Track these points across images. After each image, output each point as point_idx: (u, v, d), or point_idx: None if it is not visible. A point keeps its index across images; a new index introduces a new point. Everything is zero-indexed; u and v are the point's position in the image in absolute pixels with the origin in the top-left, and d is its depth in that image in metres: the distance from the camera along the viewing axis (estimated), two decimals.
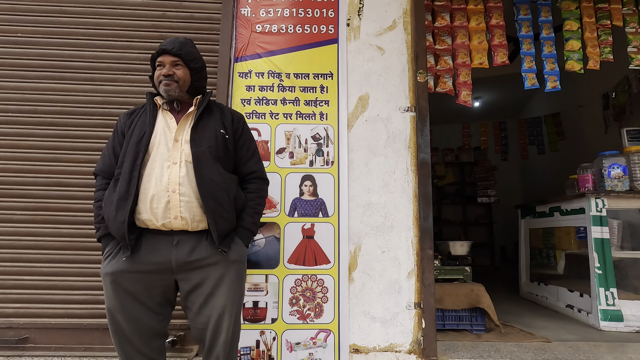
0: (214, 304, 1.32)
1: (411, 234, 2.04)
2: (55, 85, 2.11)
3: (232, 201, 1.37)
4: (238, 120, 1.53)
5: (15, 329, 1.89)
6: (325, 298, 1.97)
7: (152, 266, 1.30)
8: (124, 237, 1.26)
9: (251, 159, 1.51)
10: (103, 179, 1.41)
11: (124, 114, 1.48)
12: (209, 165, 1.34)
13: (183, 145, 1.35)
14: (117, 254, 1.31)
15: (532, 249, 3.57)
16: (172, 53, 1.40)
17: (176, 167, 1.32)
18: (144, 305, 1.31)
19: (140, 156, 1.32)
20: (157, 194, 1.29)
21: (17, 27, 2.15)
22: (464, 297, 2.33)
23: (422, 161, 2.08)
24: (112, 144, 1.43)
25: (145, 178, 1.31)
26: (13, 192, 2.00)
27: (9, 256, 1.95)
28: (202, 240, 1.34)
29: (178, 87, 1.41)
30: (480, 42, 2.50)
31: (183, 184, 1.31)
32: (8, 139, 2.05)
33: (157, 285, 1.32)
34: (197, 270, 1.32)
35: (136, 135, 1.36)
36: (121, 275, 1.28)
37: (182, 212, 1.30)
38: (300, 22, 2.21)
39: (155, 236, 1.32)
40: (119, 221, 1.27)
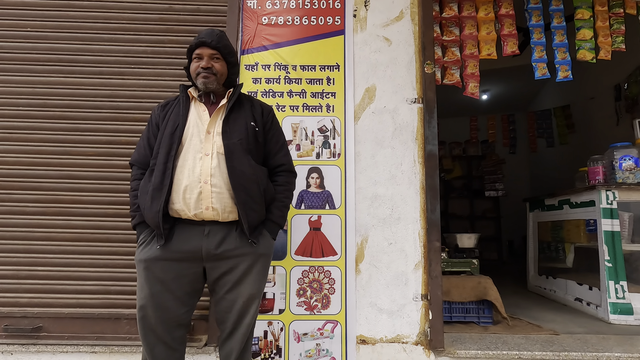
0: (240, 291, 1.36)
1: (418, 226, 2.03)
2: (64, 79, 2.13)
3: (262, 193, 1.39)
4: (267, 112, 1.54)
5: (30, 318, 1.93)
6: (332, 289, 1.98)
7: (183, 254, 1.33)
8: (159, 226, 1.31)
9: (280, 152, 1.52)
10: (138, 169, 1.45)
11: (157, 106, 1.50)
12: (240, 157, 1.36)
13: (215, 138, 1.38)
14: (150, 241, 1.35)
15: (540, 242, 3.54)
16: (211, 46, 1.41)
17: (208, 158, 1.35)
18: (173, 294, 1.34)
19: (174, 148, 1.35)
20: (189, 184, 1.32)
21: (27, 21, 2.16)
22: (471, 290, 2.32)
23: (430, 153, 2.07)
24: (147, 135, 1.47)
25: (179, 169, 1.35)
26: (25, 184, 2.04)
27: (23, 247, 1.99)
28: (232, 231, 1.37)
29: (216, 79, 1.43)
30: (489, 32, 2.46)
31: (215, 176, 1.33)
32: (19, 132, 2.08)
33: (186, 273, 1.35)
34: (226, 260, 1.35)
35: (170, 127, 1.39)
36: (153, 263, 1.32)
37: (214, 203, 1.33)
38: (306, 14, 2.19)
39: (187, 226, 1.35)
40: (154, 211, 1.30)
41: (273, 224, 1.45)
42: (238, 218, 1.36)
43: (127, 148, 2.07)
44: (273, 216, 1.44)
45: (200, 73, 1.41)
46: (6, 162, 2.06)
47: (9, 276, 1.96)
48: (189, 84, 1.51)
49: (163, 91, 2.12)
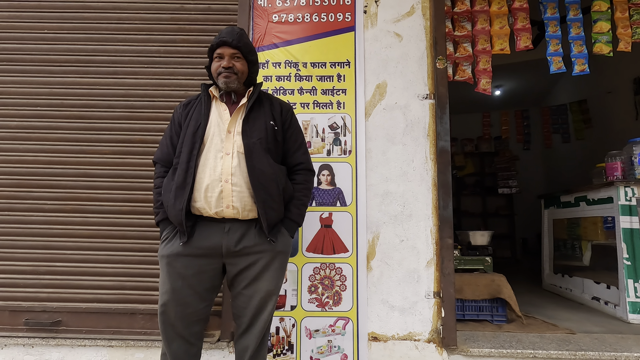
0: (258, 287, 1.38)
1: (430, 223, 2.02)
2: (81, 79, 2.17)
3: (281, 192, 1.41)
4: (287, 111, 1.55)
5: (49, 313, 1.99)
6: (344, 286, 1.98)
7: (204, 251, 1.36)
8: (182, 224, 1.33)
9: (298, 150, 1.53)
10: (162, 167, 1.48)
11: (180, 105, 1.53)
12: (259, 157, 1.38)
13: (235, 137, 1.39)
14: (173, 238, 1.38)
15: (555, 240, 3.47)
16: (232, 45, 1.42)
17: (229, 157, 1.37)
18: (193, 289, 1.36)
19: (196, 147, 1.37)
20: (211, 183, 1.35)
21: (44, 23, 2.22)
22: (485, 288, 2.30)
23: (442, 149, 2.05)
24: (170, 134, 1.49)
25: (201, 168, 1.37)
26: (43, 182, 2.09)
27: (42, 244, 2.05)
28: (251, 229, 1.39)
29: (237, 79, 1.44)
30: (502, 26, 2.41)
31: (235, 174, 1.36)
32: (38, 132, 2.14)
33: (207, 269, 1.38)
34: (245, 257, 1.38)
35: (192, 126, 1.41)
36: (175, 258, 1.35)
37: (234, 202, 1.35)
38: (316, 11, 2.19)
39: (208, 223, 1.38)
40: (177, 209, 1.33)
41: (291, 222, 1.46)
42: (257, 216, 1.38)
43: (141, 146, 2.10)
44: (291, 214, 1.46)
45: (222, 73, 1.42)
46: (26, 161, 2.12)
47: (29, 272, 2.02)
48: (210, 83, 1.53)
49: (176, 90, 2.15)
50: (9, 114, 2.15)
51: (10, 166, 2.11)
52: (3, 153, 2.12)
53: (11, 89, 2.17)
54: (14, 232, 2.06)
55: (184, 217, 1.33)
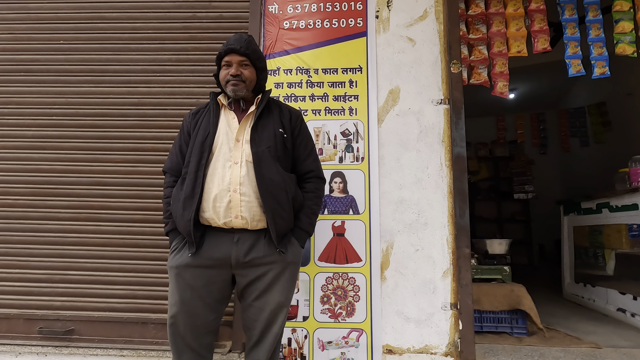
0: (268, 299, 1.35)
1: (446, 232, 1.96)
2: (95, 88, 2.20)
3: (291, 201, 1.38)
4: (296, 118, 1.52)
5: (63, 321, 1.99)
6: (357, 297, 1.93)
7: (213, 261, 1.34)
8: (190, 235, 1.31)
9: (308, 158, 1.50)
10: (171, 177, 1.47)
11: (189, 114, 1.51)
12: (268, 165, 1.35)
13: (244, 145, 1.37)
14: (182, 248, 1.36)
15: (576, 247, 3.35)
16: (240, 52, 1.40)
17: (237, 166, 1.35)
18: (203, 300, 1.34)
19: (204, 156, 1.36)
20: (219, 193, 1.33)
21: (60, 34, 2.26)
22: (503, 298, 2.22)
23: (457, 155, 1.99)
24: (179, 143, 1.48)
25: (209, 177, 1.35)
26: (58, 191, 2.11)
27: (56, 252, 2.06)
28: (261, 239, 1.37)
29: (245, 87, 1.42)
30: (519, 28, 2.35)
31: (244, 184, 1.33)
32: (53, 141, 2.16)
33: (216, 280, 1.36)
34: (255, 268, 1.35)
35: (201, 135, 1.39)
36: (185, 269, 1.33)
37: (243, 212, 1.32)
38: (328, 17, 2.17)
39: (217, 233, 1.36)
40: (186, 219, 1.32)
41: (301, 231, 1.43)
42: (267, 226, 1.35)
43: (153, 155, 2.11)
44: (302, 224, 1.43)
45: (230, 81, 1.40)
46: (42, 170, 2.14)
47: (44, 280, 2.04)
48: (218, 91, 1.51)
49: (187, 98, 2.15)
50: (26, 123, 2.19)
51: (26, 175, 2.14)
52: (20, 162, 2.15)
53: (28, 99, 2.21)
54: (30, 241, 2.08)
55: (193, 228, 1.31)
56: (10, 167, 2.15)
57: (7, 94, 2.22)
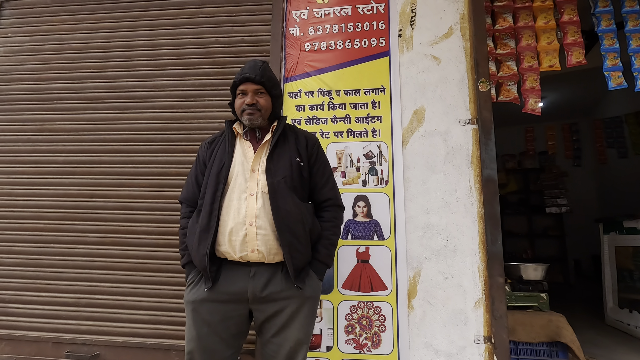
0: (287, 335, 1.30)
1: (477, 259, 1.85)
2: (121, 114, 2.25)
3: (308, 233, 1.33)
4: (313, 144, 1.47)
5: (89, 346, 2.01)
6: (383, 327, 1.85)
7: (230, 296, 1.31)
8: (206, 270, 1.29)
9: (326, 185, 1.45)
10: (188, 207, 1.45)
11: (204, 143, 1.49)
12: (284, 196, 1.31)
13: (259, 176, 1.34)
14: (198, 282, 1.34)
15: (619, 270, 3.12)
16: (256, 81, 1.38)
17: (253, 198, 1.31)
18: (219, 336, 1.31)
19: (220, 188, 1.33)
20: (234, 227, 1.29)
21: (90, 63, 2.34)
22: (541, 329, 2.06)
23: (488, 178, 1.89)
24: (195, 173, 1.46)
25: (225, 210, 1.32)
26: (86, 215, 2.16)
27: (84, 276, 2.10)
28: (278, 273, 1.32)
29: (261, 115, 1.40)
30: (550, 42, 2.24)
31: (260, 217, 1.30)
32: (82, 166, 2.22)
33: (233, 315, 1.32)
34: (272, 303, 1.31)
35: (216, 165, 1.37)
36: (200, 305, 1.30)
37: (259, 246, 1.29)
38: (349, 37, 2.14)
39: (233, 267, 1.32)
40: (201, 254, 1.29)
41: (320, 263, 1.37)
42: (283, 259, 1.31)
43: (177, 179, 2.12)
44: (320, 255, 1.37)
45: (245, 110, 1.38)
46: (71, 195, 2.20)
47: (71, 304, 2.07)
48: (233, 119, 1.50)
49: (210, 122, 2.17)
50: (57, 149, 2.27)
51: (57, 200, 2.20)
52: (51, 187, 2.22)
53: (60, 126, 2.29)
54: (59, 264, 2.13)
55: (208, 263, 1.28)
56: (43, 192, 2.22)
57: (41, 122, 2.31)
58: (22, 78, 2.39)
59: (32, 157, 2.28)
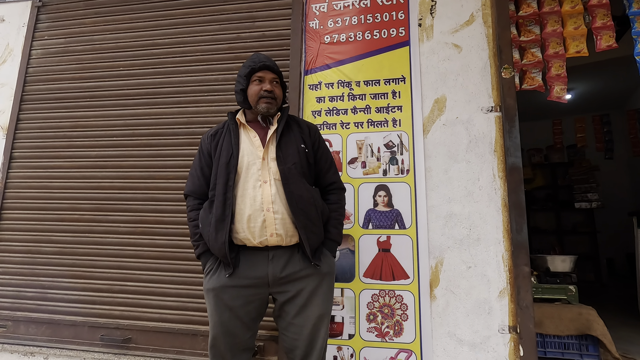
0: (308, 313, 1.35)
1: (501, 248, 1.82)
2: (149, 110, 2.35)
3: (320, 215, 1.40)
4: (314, 132, 1.54)
5: (122, 330, 2.12)
6: (405, 316, 1.85)
7: (251, 281, 1.35)
8: (226, 256, 1.33)
9: (329, 170, 1.52)
10: (195, 199, 1.47)
11: (207, 135, 1.51)
12: (296, 182, 1.37)
13: (270, 164, 1.39)
14: (217, 270, 1.37)
15: None
16: (274, 70, 1.45)
17: (267, 185, 1.36)
18: (240, 320, 1.36)
19: (231, 177, 1.36)
20: (252, 213, 1.34)
21: (120, 62, 2.45)
22: (570, 322, 2.00)
23: (512, 166, 1.86)
24: (200, 165, 1.47)
25: (239, 199, 1.36)
26: (117, 207, 2.27)
27: (115, 264, 2.21)
28: (295, 254, 1.38)
29: (276, 104, 1.45)
30: (577, 26, 2.16)
31: (275, 202, 1.35)
32: (114, 160, 2.34)
33: (254, 299, 1.37)
34: (292, 283, 1.36)
35: (224, 156, 1.40)
36: (222, 291, 1.34)
37: (277, 229, 1.34)
38: (369, 28, 2.15)
39: (252, 252, 1.37)
40: (220, 242, 1.32)
41: (332, 242, 1.45)
42: (299, 241, 1.37)
43: None
44: (331, 235, 1.44)
45: (263, 97, 1.41)
46: (104, 187, 2.31)
47: (105, 290, 2.18)
48: (234, 110, 1.53)
49: None
50: (90, 144, 2.39)
51: (91, 192, 2.32)
52: (86, 180, 2.35)
53: (93, 122, 2.41)
54: (93, 253, 2.25)
55: (228, 250, 1.32)
56: (78, 185, 2.35)
57: (75, 119, 2.44)
58: (57, 78, 2.53)
59: (68, 152, 2.41)
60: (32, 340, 2.18)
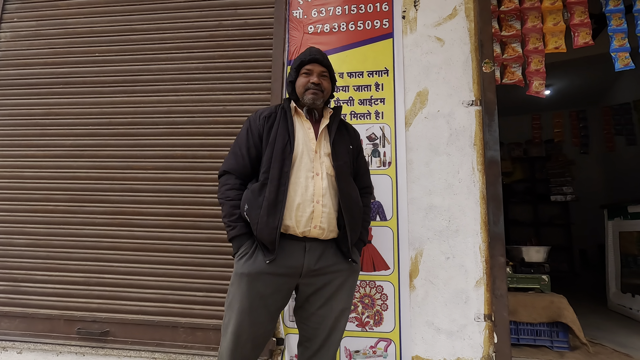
0: (332, 306, 1.37)
1: (479, 239, 1.86)
2: (127, 98, 2.28)
3: (361, 215, 1.45)
4: (358, 135, 1.60)
5: (99, 323, 2.07)
6: (385, 306, 1.88)
7: (287, 269, 1.34)
8: (274, 242, 1.30)
9: (366, 174, 1.58)
10: (236, 179, 1.41)
11: (259, 116, 1.46)
12: (346, 180, 1.41)
13: (323, 158, 1.41)
14: (253, 254, 1.33)
15: (623, 255, 3.11)
16: (323, 63, 1.46)
17: (319, 178, 1.37)
18: (267, 309, 1.33)
19: (286, 164, 1.35)
20: (302, 203, 1.34)
21: (95, 47, 2.36)
22: (543, 310, 2.08)
23: (491, 159, 1.90)
24: (247, 145, 1.42)
25: (292, 186, 1.35)
26: (94, 197, 2.20)
27: (93, 256, 2.15)
28: (329, 248, 1.39)
29: (322, 97, 1.46)
30: (556, 23, 2.21)
31: (325, 196, 1.36)
32: (89, 149, 2.26)
33: (283, 288, 1.36)
34: (322, 276, 1.37)
35: (280, 142, 1.37)
36: (258, 277, 1.30)
37: (322, 222, 1.35)
38: (353, 19, 2.13)
39: (290, 241, 1.35)
40: (271, 227, 1.29)
41: (362, 243, 1.49)
42: (336, 236, 1.40)
43: (182, 162, 2.15)
44: (362, 236, 1.48)
45: (310, 89, 1.42)
46: (79, 177, 2.24)
47: (81, 282, 2.13)
48: (289, 98, 1.51)
49: (214, 105, 2.18)
50: (65, 133, 2.30)
51: (65, 182, 2.25)
52: (60, 170, 2.27)
53: (67, 110, 2.32)
54: (68, 245, 2.18)
55: (279, 236, 1.30)
56: (52, 175, 2.27)
57: (48, 106, 2.35)
58: (28, 63, 2.42)
59: (41, 141, 2.32)
60: (4, 334, 2.11)
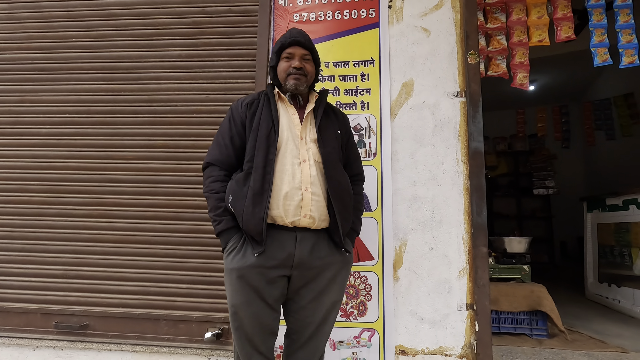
0: (324, 299, 1.32)
1: (462, 230, 1.88)
2: (106, 85, 2.20)
3: (351, 202, 1.39)
4: (347, 120, 1.53)
5: (78, 316, 2.02)
6: (369, 296, 1.88)
7: (277, 261, 1.27)
8: (260, 234, 1.24)
9: (356, 161, 1.52)
10: (221, 170, 1.35)
11: (241, 103, 1.40)
12: (335, 167, 1.35)
13: (309, 144, 1.34)
14: (241, 248, 1.28)
15: (601, 246, 3.20)
16: (305, 46, 1.37)
17: (306, 165, 1.31)
18: (265, 301, 1.29)
19: (271, 151, 1.29)
20: (290, 191, 1.28)
21: (72, 32, 2.27)
22: (523, 299, 2.13)
23: (475, 151, 1.91)
24: (230, 134, 1.36)
25: (277, 174, 1.29)
26: (72, 188, 2.14)
27: (71, 248, 2.09)
28: (321, 239, 1.33)
29: (306, 81, 1.38)
30: (540, 16, 2.23)
31: (314, 183, 1.30)
32: (67, 138, 2.18)
33: (276, 280, 1.30)
34: (314, 268, 1.31)
35: (264, 128, 1.32)
36: (249, 271, 1.25)
37: (312, 211, 1.29)
38: (339, 8, 2.11)
39: (280, 232, 1.29)
40: (257, 217, 1.24)
41: (354, 232, 1.43)
42: (327, 226, 1.34)
43: (164, 151, 2.10)
44: (354, 225, 1.43)
45: (292, 73, 1.35)
46: (55, 167, 2.17)
47: (59, 275, 2.07)
48: (272, 84, 1.45)
49: (197, 94, 2.13)
50: (40, 121, 2.22)
51: (41, 172, 2.17)
52: (35, 160, 2.19)
53: (42, 97, 2.24)
54: (45, 237, 2.12)
55: (265, 227, 1.24)
56: (26, 165, 2.19)
57: (22, 92, 2.25)
58: (0, 47, 2.31)
59: (15, 129, 2.23)
60: None
